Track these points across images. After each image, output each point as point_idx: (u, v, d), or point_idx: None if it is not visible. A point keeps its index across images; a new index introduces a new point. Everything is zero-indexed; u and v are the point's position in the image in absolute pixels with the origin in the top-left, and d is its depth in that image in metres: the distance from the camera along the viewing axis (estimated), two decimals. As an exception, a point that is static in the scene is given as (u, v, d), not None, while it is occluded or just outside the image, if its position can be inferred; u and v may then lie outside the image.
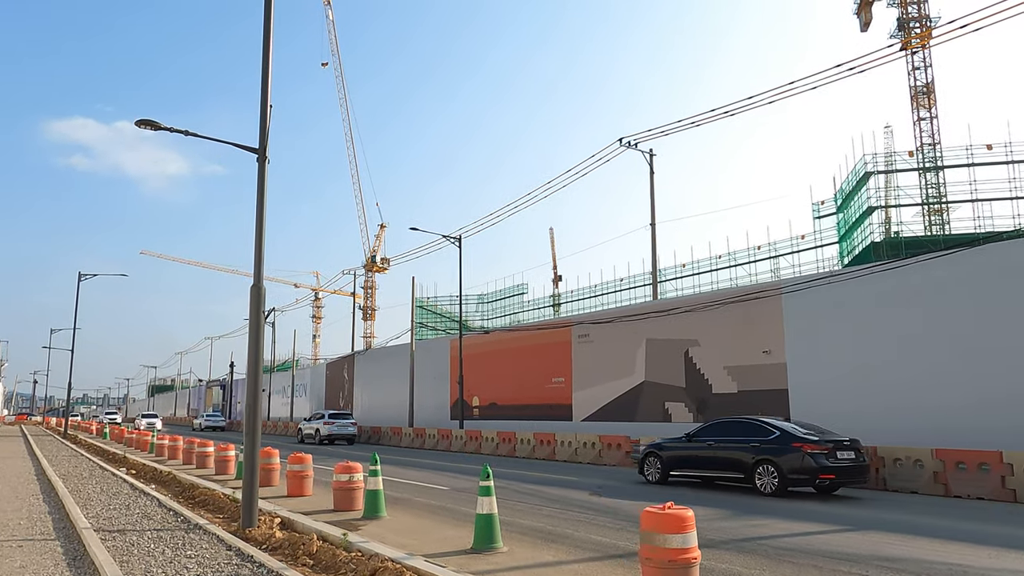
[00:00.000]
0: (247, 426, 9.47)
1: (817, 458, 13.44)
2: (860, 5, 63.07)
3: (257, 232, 9.84)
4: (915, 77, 58.05)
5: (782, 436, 14.23)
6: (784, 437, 14.18)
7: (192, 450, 21.05)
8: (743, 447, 14.75)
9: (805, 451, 13.56)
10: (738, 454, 14.76)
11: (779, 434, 14.33)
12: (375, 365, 51.82)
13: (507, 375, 37.36)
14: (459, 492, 14.14)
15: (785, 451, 13.90)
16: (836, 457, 13.63)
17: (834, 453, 13.68)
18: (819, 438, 13.98)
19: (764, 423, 14.97)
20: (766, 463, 14.09)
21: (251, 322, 9.61)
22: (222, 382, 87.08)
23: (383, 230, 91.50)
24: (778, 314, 24.31)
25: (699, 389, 26.85)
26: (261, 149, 10.01)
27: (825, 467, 13.38)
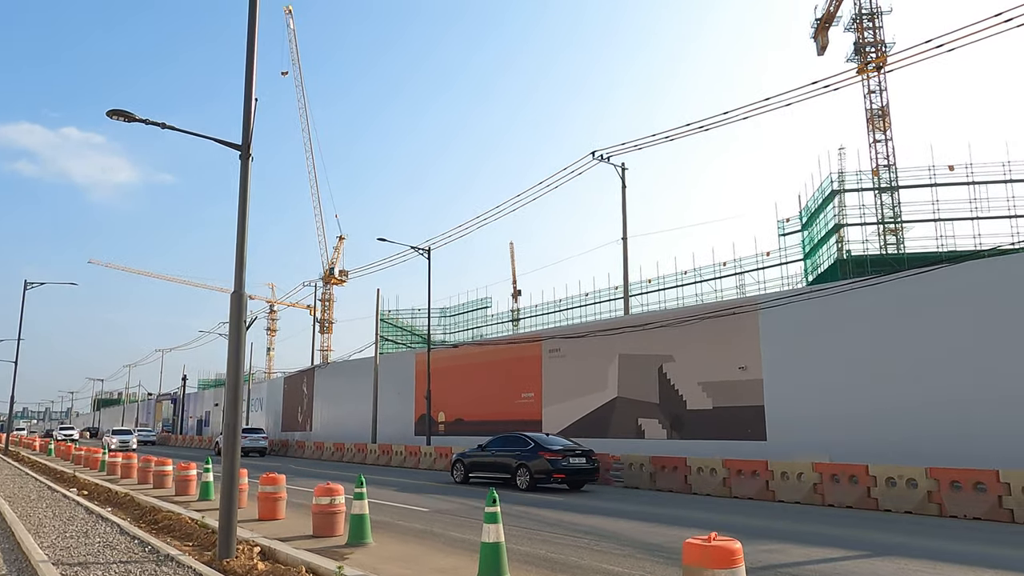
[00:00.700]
0: (226, 443, 8.66)
1: (554, 463, 18.44)
2: (817, 29, 64.51)
3: (239, 234, 9.08)
4: (871, 100, 59.35)
5: (534, 447, 19.25)
6: (535, 448, 19.20)
7: (149, 468, 19.88)
8: (510, 455, 19.87)
9: (546, 458, 18.59)
10: (507, 460, 19.88)
11: (533, 445, 19.39)
12: (336, 379, 50.52)
13: (474, 390, 36.62)
14: (441, 514, 13.41)
15: (535, 458, 18.87)
16: (569, 462, 18.61)
17: (567, 459, 18.66)
18: (559, 448, 18.97)
19: (526, 436, 20.31)
20: (523, 467, 19.07)
21: (231, 330, 8.83)
22: (173, 396, 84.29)
23: (342, 242, 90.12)
24: (755, 330, 24.16)
25: (673, 405, 26.53)
26: (244, 145, 9.28)
27: (559, 469, 18.35)
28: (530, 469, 18.67)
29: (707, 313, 25.75)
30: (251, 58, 9.47)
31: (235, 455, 8.63)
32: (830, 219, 38.39)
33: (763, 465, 16.38)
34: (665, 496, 17.23)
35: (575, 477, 18.64)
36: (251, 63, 9.45)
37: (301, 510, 13.52)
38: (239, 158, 9.29)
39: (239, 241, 9.07)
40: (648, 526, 11.76)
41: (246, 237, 9.11)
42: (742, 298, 26.11)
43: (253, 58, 9.47)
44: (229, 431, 8.65)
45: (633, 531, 11.17)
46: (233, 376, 8.73)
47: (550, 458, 18.53)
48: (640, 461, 19.21)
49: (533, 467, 18.65)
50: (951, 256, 31.73)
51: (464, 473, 21.23)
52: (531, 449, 19.21)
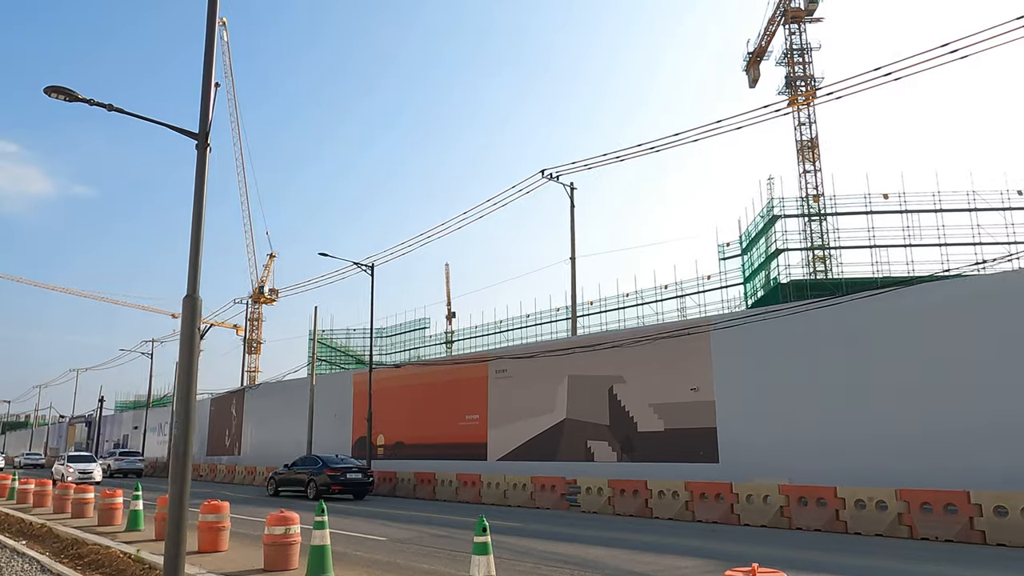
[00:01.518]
0: (174, 468, 7.63)
1: (334, 477, 23.61)
2: (749, 63, 66.60)
3: (194, 232, 8.13)
4: (801, 132, 61.38)
5: (322, 465, 24.48)
6: (323, 465, 24.43)
7: (66, 496, 18.16)
8: (305, 471, 24.78)
9: (327, 473, 23.68)
10: (303, 475, 24.73)
11: (321, 464, 24.63)
12: (268, 401, 48.43)
13: (416, 412, 35.49)
14: (401, 543, 12.47)
15: (320, 473, 23.92)
16: (346, 477, 23.91)
17: (345, 474, 23.99)
18: (340, 466, 24.50)
19: (317, 457, 25.83)
20: (312, 481, 24.03)
21: (184, 338, 7.85)
22: (87, 418, 79.58)
23: (272, 260, 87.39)
24: (707, 351, 24.01)
25: (624, 427, 26.11)
26: (202, 134, 8.36)
27: (338, 482, 23.64)
28: (316, 483, 23.77)
29: (660, 334, 25.53)
30: (211, 39, 8.60)
31: (184, 480, 7.60)
32: (771, 244, 39.14)
33: (727, 488, 16.02)
34: (626, 521, 16.68)
35: (353, 488, 24.17)
36: (211, 44, 8.59)
37: (244, 540, 12.39)
38: (195, 148, 8.36)
39: (193, 240, 8.12)
40: (627, 553, 11.14)
41: (201, 235, 8.16)
42: (695, 319, 26.06)
43: (213, 39, 8.61)
44: (178, 450, 7.63)
45: (613, 559, 10.52)
46: (184, 389, 7.73)
47: (331, 474, 23.76)
48: (597, 484, 18.65)
49: (319, 481, 23.74)
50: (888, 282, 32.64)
51: (275, 487, 26.09)
52: (319, 467, 24.42)
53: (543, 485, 20.17)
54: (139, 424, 66.56)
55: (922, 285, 20.98)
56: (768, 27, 62.19)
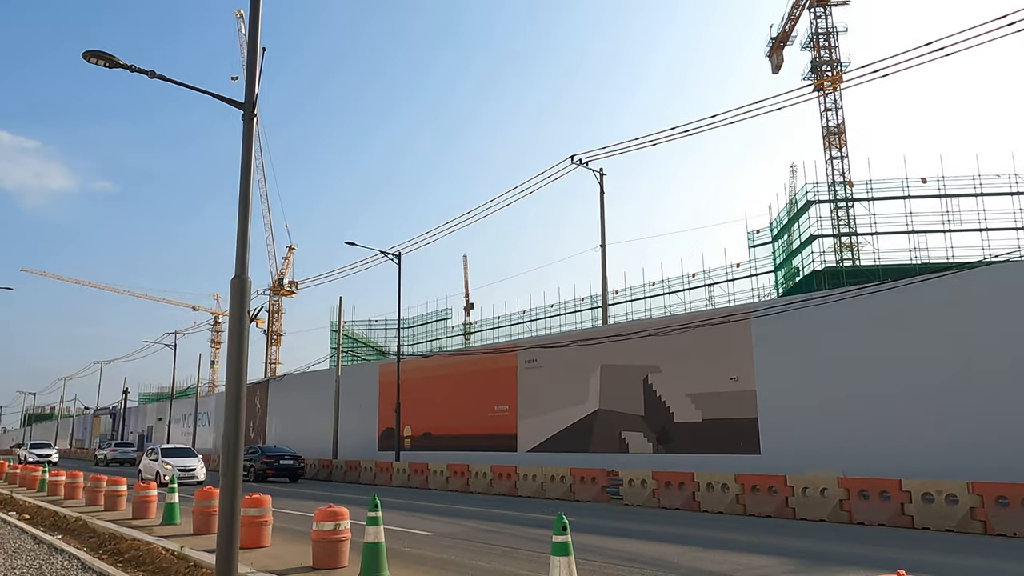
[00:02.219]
0: (226, 459, 7.11)
1: (269, 463, 28.88)
2: (772, 48, 65.32)
3: (241, 209, 7.58)
4: (827, 118, 60.15)
5: (260, 452, 29.79)
6: (260, 453, 29.74)
7: (99, 488, 17.81)
8: (248, 458, 29.39)
9: (263, 460, 28.86)
10: (248, 462, 29.13)
11: (259, 451, 29.89)
12: (292, 392, 48.21)
13: (444, 403, 35.03)
14: (448, 539, 11.94)
15: (258, 460, 28.99)
16: (279, 463, 29.15)
17: (279, 460, 29.24)
18: (274, 453, 29.84)
19: (258, 447, 31.31)
20: (252, 466, 28.88)
21: (232, 321, 7.32)
22: (112, 410, 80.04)
23: (291, 252, 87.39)
24: (747, 339, 23.30)
25: (660, 418, 25.48)
26: (248, 103, 7.81)
27: (272, 467, 28.87)
28: (255, 468, 28.71)
29: (697, 321, 24.82)
30: (256, 3, 8.02)
31: (236, 473, 7.08)
32: (804, 230, 38.19)
33: (781, 480, 15.36)
34: (674, 515, 16.05)
35: (285, 473, 29.34)
36: (256, 8, 8.01)
37: (284, 535, 11.92)
38: (241, 118, 7.81)
39: (241, 217, 7.57)
40: (694, 551, 10.52)
41: (249, 212, 7.62)
42: (735, 306, 25.31)
43: (259, 3, 8.02)
44: (230, 441, 7.10)
45: (682, 556, 9.92)
46: (235, 374, 7.20)
47: (267, 460, 28.90)
48: (641, 477, 18.03)
49: (256, 466, 28.75)
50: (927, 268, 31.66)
51: (257, 472, 29.99)
52: (258, 455, 29.49)
53: (582, 477, 19.57)
54: (163, 416, 66.78)
55: (979, 269, 20.09)
56: (792, 11, 60.93)
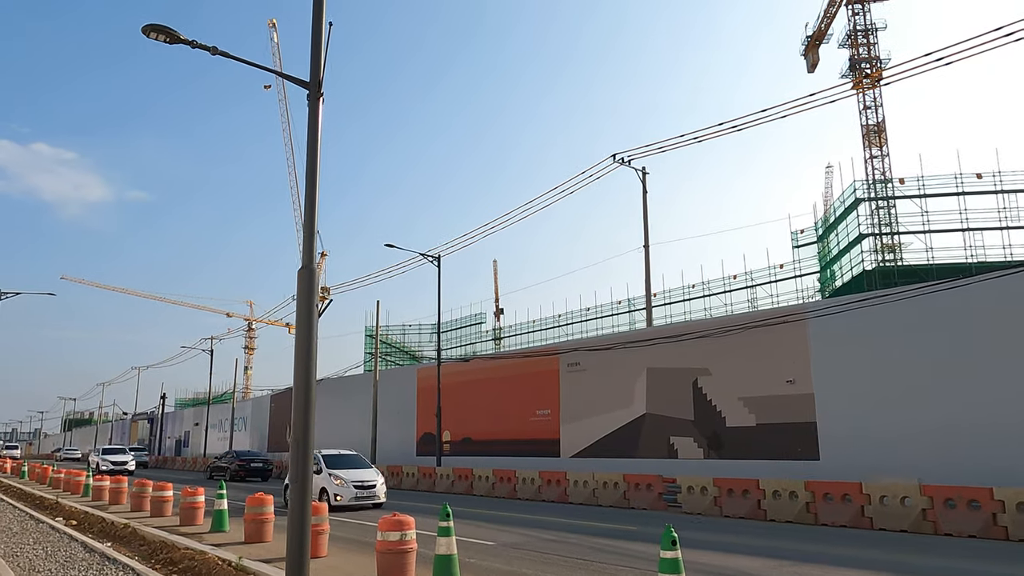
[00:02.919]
0: (296, 460, 6.55)
1: (241, 466, 34.21)
2: (808, 47, 63.93)
3: (308, 195, 7.06)
4: (866, 116, 58.68)
5: (235, 455, 35.83)
6: (236, 456, 35.71)
7: (144, 494, 17.50)
8: (225, 461, 35.69)
9: (237, 463, 34.43)
10: (226, 464, 35.10)
11: (235, 455, 36.01)
12: (329, 397, 47.93)
13: (484, 407, 34.45)
14: (513, 549, 11.31)
15: (233, 463, 34.63)
16: (250, 466, 34.55)
17: (249, 464, 34.72)
18: (247, 457, 35.86)
19: (235, 452, 38.07)
20: (227, 468, 34.35)
21: (301, 313, 6.79)
22: (149, 415, 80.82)
23: (323, 259, 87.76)
24: (803, 340, 22.38)
25: (710, 422, 24.62)
26: (314, 82, 7.28)
27: (244, 469, 34.15)
28: (231, 469, 34.24)
29: (751, 322, 23.93)
30: (320, -24, 7.50)
31: (306, 478, 6.53)
32: (852, 229, 37.02)
33: (856, 488, 14.48)
34: (740, 524, 15.24)
35: (257, 473, 34.61)
36: (320, -18, 7.49)
37: (341, 545, 11.40)
38: (307, 98, 7.29)
39: (308, 203, 7.05)
40: (790, 565, 9.75)
41: (316, 198, 7.09)
42: (790, 306, 24.38)
43: (323, -24, 7.51)
44: (299, 443, 6.55)
45: (777, 571, 9.17)
46: (303, 371, 6.66)
47: (240, 463, 34.61)
48: (700, 483, 17.23)
49: (231, 468, 34.26)
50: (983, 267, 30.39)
51: (210, 473, 37.02)
52: (233, 457, 35.72)
53: (637, 484, 18.80)
54: (199, 421, 67.14)
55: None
56: (828, 8, 59.67)
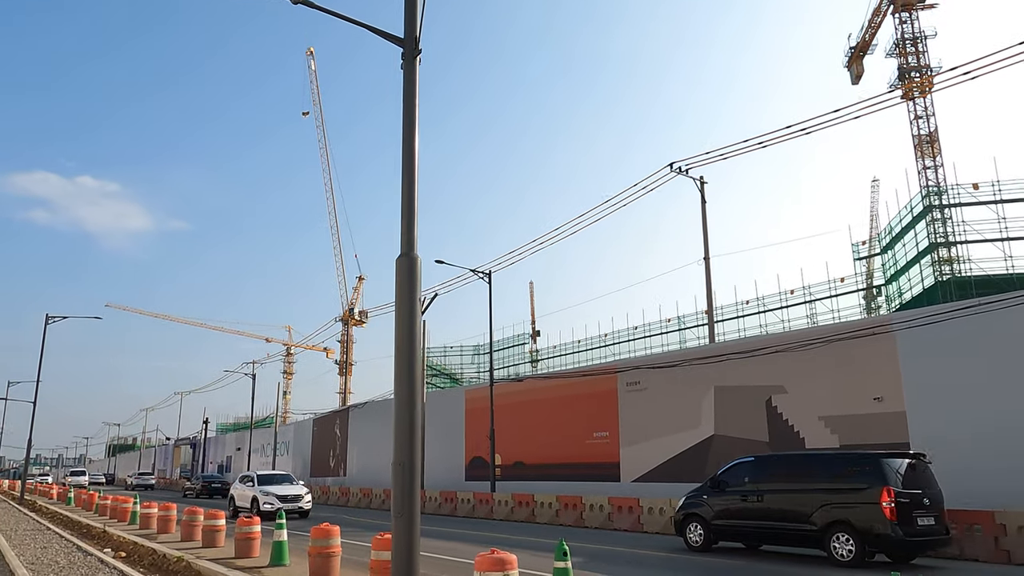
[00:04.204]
0: (401, 489, 5.34)
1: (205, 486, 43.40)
2: (851, 58, 62.29)
3: (406, 176, 5.94)
4: (918, 126, 56.74)
5: (200, 478, 48.72)
6: (199, 479, 48.09)
7: (194, 522, 16.50)
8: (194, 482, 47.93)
9: (202, 484, 43.79)
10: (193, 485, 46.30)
11: (200, 477, 49.12)
12: (372, 420, 47.00)
13: (537, 430, 33.04)
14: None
15: (199, 483, 45.03)
16: (212, 486, 42.95)
17: (211, 485, 43.20)
18: (209, 479, 45.96)
19: (200, 475, 55.05)
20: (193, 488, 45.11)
21: (401, 306, 5.64)
22: (192, 440, 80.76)
23: (361, 283, 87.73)
24: (891, 354, 20.70)
25: (788, 443, 22.94)
26: (409, 39, 6.18)
27: (207, 489, 42.76)
28: (196, 488, 43.17)
29: (834, 335, 22.30)
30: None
31: (413, 507, 5.31)
32: (922, 238, 35.15)
33: (987, 517, 12.83)
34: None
35: (216, 492, 39.99)
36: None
37: None
38: (401, 58, 6.19)
39: (406, 186, 5.93)
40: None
41: (415, 179, 5.96)
42: (876, 317, 22.73)
43: (415, -80, 6.44)
44: (404, 462, 5.34)
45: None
46: (407, 375, 5.48)
47: (204, 484, 42.45)
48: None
49: (197, 487, 43.06)
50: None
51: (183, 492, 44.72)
52: (199, 479, 44.71)
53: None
54: (242, 445, 66.67)
55: None
56: (873, 19, 58.23)
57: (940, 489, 12.70)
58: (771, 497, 13.58)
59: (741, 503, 14.12)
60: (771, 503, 13.52)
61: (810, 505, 12.64)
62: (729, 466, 15.50)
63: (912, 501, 11.88)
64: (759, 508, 13.73)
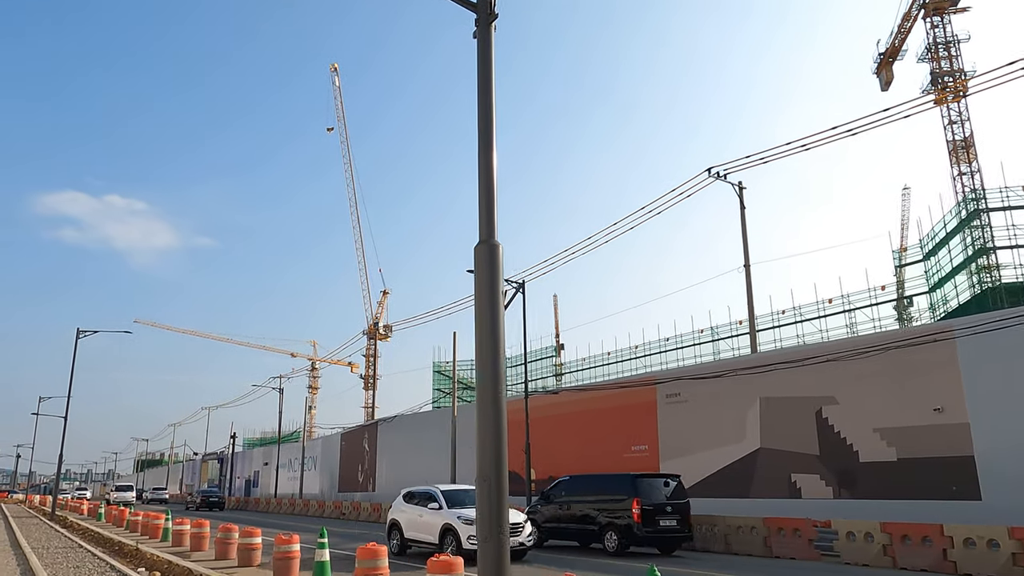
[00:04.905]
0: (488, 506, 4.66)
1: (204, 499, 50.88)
2: (880, 64, 61.19)
3: (483, 145, 5.30)
4: (952, 131, 55.53)
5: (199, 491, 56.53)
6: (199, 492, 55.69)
7: (228, 540, 15.90)
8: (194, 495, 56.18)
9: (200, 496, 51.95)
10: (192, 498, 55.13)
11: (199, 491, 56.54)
12: (401, 434, 46.40)
13: (572, 443, 32.22)
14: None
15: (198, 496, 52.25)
16: (209, 500, 50.54)
17: (208, 498, 50.80)
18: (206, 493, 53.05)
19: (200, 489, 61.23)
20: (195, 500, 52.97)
21: (481, 295, 5.00)
22: (219, 455, 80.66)
23: (385, 297, 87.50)
24: (952, 363, 19.69)
25: (840, 457, 21.95)
26: (483, 3, 5.55)
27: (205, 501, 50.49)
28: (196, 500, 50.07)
29: (887, 342, 21.33)
30: None
31: (502, 528, 4.62)
32: (969, 243, 33.97)
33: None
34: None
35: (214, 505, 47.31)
36: None
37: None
38: (475, 24, 5.57)
39: (483, 167, 5.28)
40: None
41: (492, 158, 5.32)
42: (934, 323, 21.71)
43: None
44: (490, 484, 4.66)
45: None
46: (490, 374, 4.83)
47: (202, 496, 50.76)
48: (864, 529, 14.70)
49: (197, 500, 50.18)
50: None
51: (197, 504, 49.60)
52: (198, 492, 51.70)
53: (780, 528, 16.30)
54: (269, 460, 66.35)
55: None
56: (903, 24, 57.25)
57: (688, 500, 18.11)
58: (575, 506, 19.12)
59: (558, 511, 19.54)
60: (575, 511, 19.05)
61: (594, 512, 18.24)
62: (555, 483, 20.69)
63: (656, 509, 17.07)
64: (568, 515, 19.23)
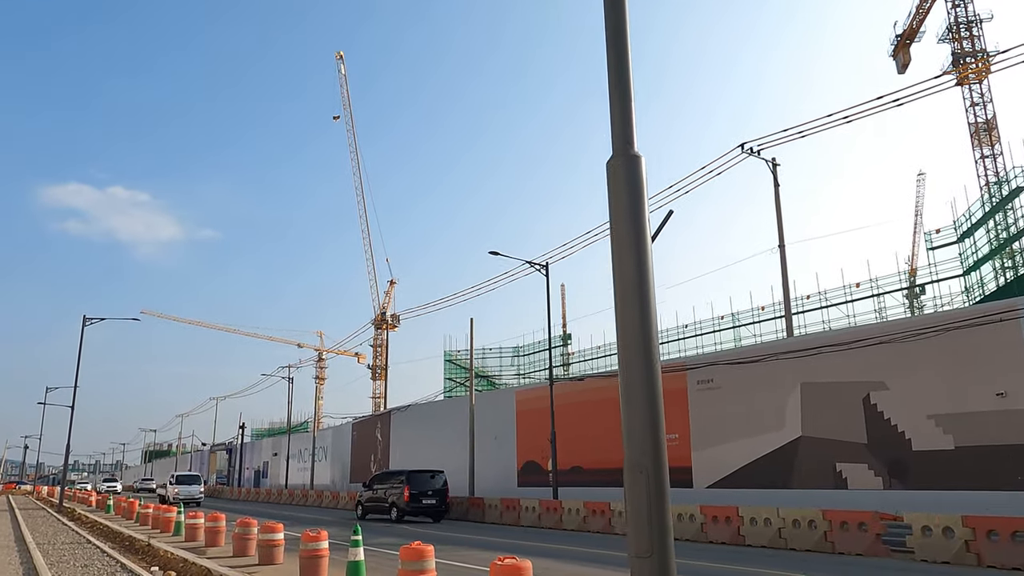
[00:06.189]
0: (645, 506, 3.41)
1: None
2: (897, 46, 59.76)
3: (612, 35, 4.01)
4: (974, 113, 54.13)
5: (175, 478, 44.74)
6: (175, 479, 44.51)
7: (247, 535, 14.74)
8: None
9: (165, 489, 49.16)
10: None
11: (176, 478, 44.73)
12: (415, 424, 45.29)
13: (594, 432, 30.96)
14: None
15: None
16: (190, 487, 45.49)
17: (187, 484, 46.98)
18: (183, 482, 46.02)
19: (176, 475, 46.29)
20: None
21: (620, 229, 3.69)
22: (228, 446, 79.78)
23: (392, 286, 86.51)
24: (1016, 345, 18.41)
25: (890, 446, 20.70)
26: None
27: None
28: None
29: (943, 323, 20.02)
30: None
31: (666, 539, 3.37)
32: (1012, 222, 32.54)
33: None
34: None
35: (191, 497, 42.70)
36: None
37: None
38: None
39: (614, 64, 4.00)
40: None
41: (627, 51, 4.02)
42: (999, 302, 20.39)
43: None
44: (648, 477, 3.42)
45: None
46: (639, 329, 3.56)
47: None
48: (942, 523, 13.45)
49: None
50: None
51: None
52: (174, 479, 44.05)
53: (843, 522, 15.06)
54: (278, 451, 65.40)
55: None
56: (921, 4, 55.84)
57: (446, 487, 27.84)
58: (379, 491, 28.96)
59: (372, 494, 29.33)
60: (379, 493, 28.92)
61: (388, 494, 27.99)
62: (375, 475, 31.38)
63: (420, 492, 26.97)
64: (376, 496, 29.03)
